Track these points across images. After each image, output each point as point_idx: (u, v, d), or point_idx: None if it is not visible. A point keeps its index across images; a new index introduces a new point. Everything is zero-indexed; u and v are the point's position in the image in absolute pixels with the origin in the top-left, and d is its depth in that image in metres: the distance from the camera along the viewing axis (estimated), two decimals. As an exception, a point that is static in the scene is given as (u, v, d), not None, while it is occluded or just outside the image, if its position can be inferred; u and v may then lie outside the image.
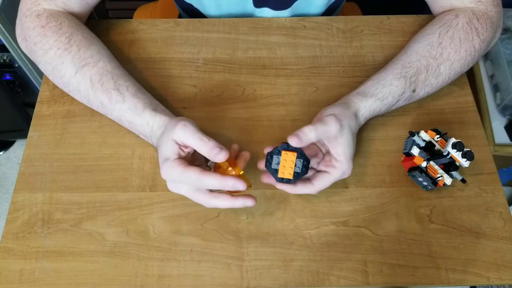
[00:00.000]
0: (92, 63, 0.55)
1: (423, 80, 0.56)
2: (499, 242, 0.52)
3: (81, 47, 0.56)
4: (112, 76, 0.55)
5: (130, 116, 0.53)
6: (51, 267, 0.50)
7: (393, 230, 0.53)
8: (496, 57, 1.07)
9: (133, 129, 0.55)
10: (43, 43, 0.56)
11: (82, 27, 0.59)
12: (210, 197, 0.47)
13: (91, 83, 0.54)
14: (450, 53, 0.57)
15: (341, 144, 0.50)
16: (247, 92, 0.62)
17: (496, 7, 0.59)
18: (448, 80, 0.58)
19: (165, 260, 0.51)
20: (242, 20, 0.69)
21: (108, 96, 0.54)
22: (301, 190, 0.50)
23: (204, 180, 0.45)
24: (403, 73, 0.56)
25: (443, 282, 0.50)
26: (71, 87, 0.56)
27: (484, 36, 0.58)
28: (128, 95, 0.54)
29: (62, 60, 0.55)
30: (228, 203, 0.47)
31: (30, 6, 0.58)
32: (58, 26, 0.56)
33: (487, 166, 0.57)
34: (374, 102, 0.55)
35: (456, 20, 0.58)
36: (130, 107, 0.53)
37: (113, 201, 0.54)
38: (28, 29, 0.57)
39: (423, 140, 0.54)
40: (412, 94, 0.57)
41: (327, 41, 0.67)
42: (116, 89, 0.54)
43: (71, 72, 0.55)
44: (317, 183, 0.50)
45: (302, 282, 0.50)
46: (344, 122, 0.50)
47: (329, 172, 0.50)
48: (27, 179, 0.55)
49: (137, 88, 0.55)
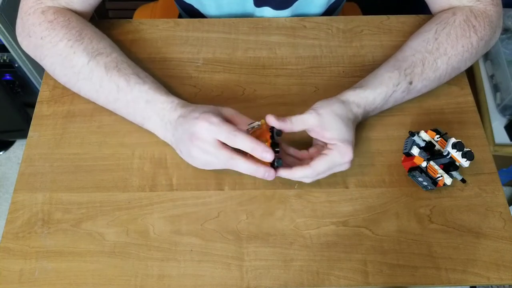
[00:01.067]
0: (106, 53, 0.56)
1: (420, 73, 0.56)
2: (499, 242, 0.52)
3: (93, 39, 0.57)
4: (129, 65, 0.56)
5: (152, 95, 0.54)
6: (51, 267, 0.50)
7: (393, 230, 0.53)
8: (496, 57, 1.07)
9: (146, 111, 0.54)
10: (52, 36, 0.55)
11: (90, 24, 0.60)
12: (236, 155, 0.48)
13: (106, 69, 0.54)
14: (447, 48, 0.57)
15: (326, 129, 0.50)
16: (247, 92, 0.62)
17: (495, 7, 0.59)
18: (446, 75, 0.58)
19: (165, 260, 0.51)
20: (242, 20, 0.69)
21: (127, 80, 0.54)
22: (299, 172, 0.50)
23: (238, 135, 0.47)
24: (396, 66, 0.56)
25: (443, 282, 0.50)
26: (81, 75, 0.56)
27: (482, 33, 0.58)
28: (149, 80, 0.55)
29: (74, 50, 0.55)
30: (251, 167, 0.48)
31: (33, 4, 0.58)
32: (67, 21, 0.57)
33: (487, 166, 0.57)
34: (365, 91, 0.55)
35: (453, 18, 0.58)
36: (152, 88, 0.54)
37: (113, 201, 0.54)
38: (33, 25, 0.57)
39: (423, 140, 0.54)
40: (410, 86, 0.56)
41: (327, 41, 0.67)
42: (135, 74, 0.55)
43: (84, 61, 0.55)
44: (314, 163, 0.50)
45: (302, 282, 0.50)
46: (321, 111, 0.51)
47: (326, 154, 0.50)
48: (27, 179, 0.55)
49: (155, 79, 0.57)
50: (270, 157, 0.47)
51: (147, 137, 0.58)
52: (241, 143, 0.47)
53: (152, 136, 0.57)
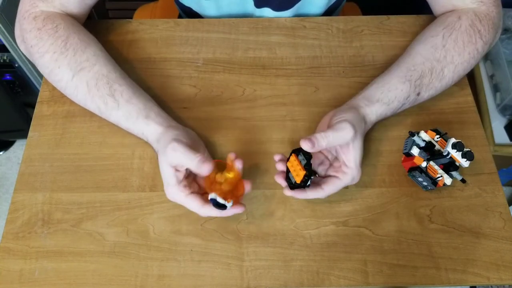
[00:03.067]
0: (88, 67, 0.55)
1: (427, 84, 0.56)
2: (499, 242, 0.52)
3: (77, 50, 0.56)
4: (108, 80, 0.55)
5: (125, 123, 0.55)
6: (51, 267, 0.50)
7: (393, 230, 0.53)
8: (496, 57, 1.07)
9: (130, 130, 0.56)
10: (39, 46, 0.56)
11: (79, 29, 0.59)
12: (204, 206, 0.49)
13: (87, 88, 0.55)
14: (454, 56, 0.56)
15: (352, 150, 0.50)
16: (247, 92, 0.62)
17: (497, 8, 0.60)
18: (451, 82, 0.58)
19: (165, 260, 0.51)
20: (242, 20, 0.69)
21: (104, 102, 0.54)
22: (312, 195, 0.50)
23: (205, 209, 0.49)
24: (407, 76, 0.56)
25: (443, 282, 0.50)
26: (68, 91, 0.56)
27: (486, 38, 0.58)
28: (123, 101, 0.54)
29: (58, 64, 0.55)
30: (219, 213, 0.49)
31: (28, 8, 0.58)
32: (54, 29, 0.56)
33: (487, 166, 0.57)
34: (381, 107, 0.55)
35: (459, 23, 0.58)
36: (125, 114, 0.54)
37: (113, 201, 0.54)
38: (26, 31, 0.57)
39: (423, 140, 0.54)
40: (417, 97, 0.57)
41: (327, 41, 0.67)
42: (111, 95, 0.54)
43: (68, 77, 0.55)
44: (327, 188, 0.50)
45: (302, 282, 0.50)
46: (357, 128, 0.50)
47: (339, 178, 0.50)
48: (27, 179, 0.55)
49: (132, 92, 0.55)
50: (240, 211, 0.49)
51: (147, 137, 0.58)
52: (210, 214, 0.49)
53: (152, 136, 0.57)
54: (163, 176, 0.50)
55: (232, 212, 0.49)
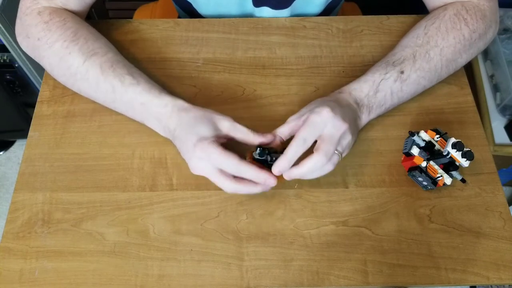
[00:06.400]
0: (101, 53, 0.56)
1: (412, 64, 0.56)
2: (499, 242, 0.52)
3: (88, 39, 0.57)
4: (124, 64, 0.56)
5: (146, 97, 0.54)
6: (51, 267, 0.50)
7: (393, 230, 0.53)
8: (496, 57, 1.07)
9: (143, 112, 0.55)
10: (48, 37, 0.56)
11: (86, 24, 0.60)
12: (236, 182, 0.49)
13: (101, 69, 0.55)
14: (438, 40, 0.57)
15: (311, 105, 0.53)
16: (247, 92, 0.62)
17: (489, 2, 0.60)
18: (442, 66, 0.58)
19: (165, 260, 0.51)
20: (242, 20, 0.69)
21: (121, 80, 0.54)
22: (308, 164, 0.49)
23: (241, 168, 0.48)
24: (383, 61, 0.58)
25: (443, 282, 0.50)
26: (78, 75, 0.56)
27: (474, 26, 0.58)
28: (143, 80, 0.55)
29: (69, 51, 0.55)
30: (252, 189, 0.49)
31: (30, 5, 0.58)
32: (62, 21, 0.57)
33: (487, 166, 0.57)
34: (353, 82, 0.57)
35: (443, 13, 0.59)
36: (145, 89, 0.54)
37: (113, 201, 0.54)
38: (30, 26, 0.57)
39: (423, 140, 0.54)
40: (402, 75, 0.56)
41: (327, 41, 0.67)
42: (130, 74, 0.55)
43: (79, 61, 0.55)
44: (316, 152, 0.49)
45: (302, 282, 0.50)
46: (311, 106, 0.53)
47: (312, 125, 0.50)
48: (27, 179, 0.55)
49: (149, 78, 0.57)
50: (273, 183, 0.49)
51: (147, 137, 0.58)
52: (245, 174, 0.48)
53: (152, 136, 0.57)
54: (198, 131, 0.49)
55: (267, 184, 0.48)
